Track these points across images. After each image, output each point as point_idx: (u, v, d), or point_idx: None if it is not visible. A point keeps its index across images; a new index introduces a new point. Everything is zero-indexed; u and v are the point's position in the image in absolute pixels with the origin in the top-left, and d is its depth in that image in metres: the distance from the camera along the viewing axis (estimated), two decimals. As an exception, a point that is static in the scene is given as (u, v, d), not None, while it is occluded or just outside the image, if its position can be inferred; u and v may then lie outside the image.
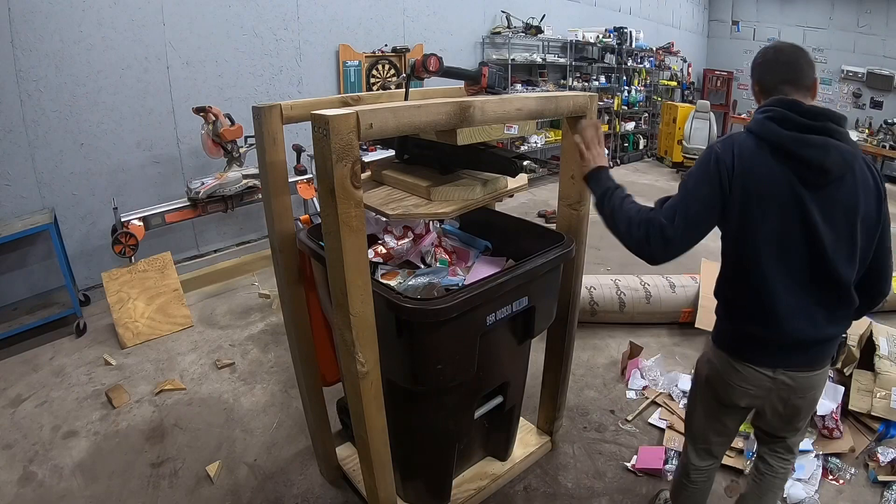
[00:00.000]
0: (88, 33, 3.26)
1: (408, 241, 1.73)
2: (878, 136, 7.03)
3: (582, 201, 1.73)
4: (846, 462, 2.06)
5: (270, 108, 1.43)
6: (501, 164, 1.52)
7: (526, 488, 2.00)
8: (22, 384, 2.62)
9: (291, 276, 1.64)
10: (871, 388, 2.14)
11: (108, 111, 3.43)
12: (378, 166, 1.71)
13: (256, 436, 2.27)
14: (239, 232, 4.25)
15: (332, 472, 2.00)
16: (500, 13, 5.89)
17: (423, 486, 1.78)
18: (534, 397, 2.20)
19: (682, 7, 9.21)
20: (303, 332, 1.73)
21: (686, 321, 3.08)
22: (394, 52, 4.89)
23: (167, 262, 3.31)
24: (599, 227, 1.44)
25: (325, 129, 1.01)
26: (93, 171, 3.45)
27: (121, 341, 2.96)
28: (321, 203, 1.11)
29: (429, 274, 1.62)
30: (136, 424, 2.33)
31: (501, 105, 1.35)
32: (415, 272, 1.65)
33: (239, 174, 3.60)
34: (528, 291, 1.53)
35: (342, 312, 1.18)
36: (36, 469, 2.07)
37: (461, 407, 1.65)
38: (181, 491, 1.98)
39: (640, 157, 8.25)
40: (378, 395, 1.30)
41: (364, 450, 1.37)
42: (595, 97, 1.62)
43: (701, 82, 9.89)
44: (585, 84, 6.75)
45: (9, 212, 3.16)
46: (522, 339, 1.70)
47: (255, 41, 4.04)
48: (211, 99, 3.77)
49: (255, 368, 2.75)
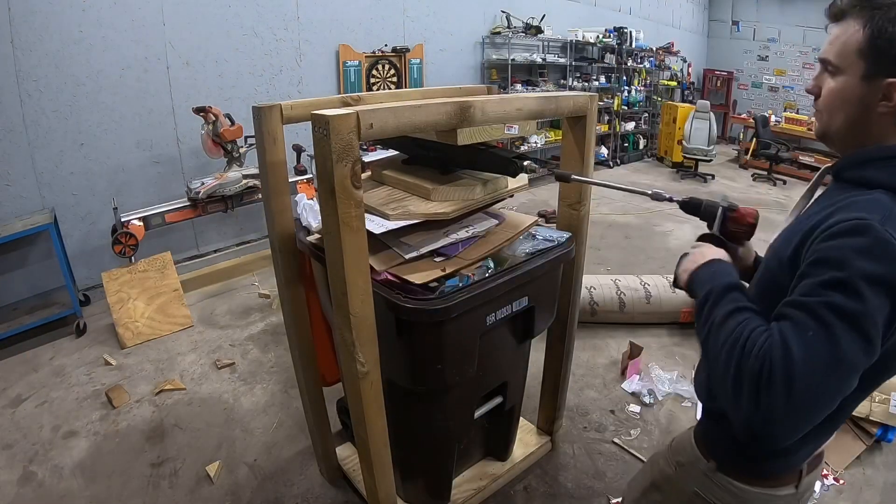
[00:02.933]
0: (88, 33, 3.25)
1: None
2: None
3: (582, 201, 1.73)
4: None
5: (270, 108, 1.43)
6: (501, 164, 1.52)
7: (526, 488, 2.00)
8: (22, 384, 2.62)
9: (291, 276, 1.64)
10: (870, 392, 2.13)
11: (108, 111, 3.43)
12: (378, 166, 1.71)
13: (256, 436, 2.27)
14: (239, 232, 4.25)
15: (332, 472, 2.00)
16: (500, 13, 5.89)
17: (423, 486, 1.78)
18: (534, 397, 2.20)
19: (682, 7, 9.21)
20: (303, 332, 1.73)
21: (686, 321, 3.08)
22: (394, 52, 4.89)
23: (167, 262, 3.31)
24: (599, 227, 1.41)
25: (326, 129, 1.01)
26: (93, 171, 3.45)
27: (121, 341, 2.96)
28: (321, 203, 1.11)
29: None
30: (136, 424, 2.33)
31: (501, 105, 1.34)
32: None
33: (239, 174, 3.60)
34: (528, 291, 1.53)
35: (342, 312, 1.18)
36: (36, 469, 2.07)
37: (461, 407, 1.65)
38: (181, 491, 1.98)
39: (640, 157, 8.25)
40: (378, 395, 1.30)
41: (364, 450, 1.37)
42: (595, 97, 1.62)
43: (701, 82, 9.90)
44: (585, 84, 6.75)
45: (9, 212, 3.16)
46: (522, 339, 1.70)
47: (255, 41, 4.04)
48: (211, 99, 3.77)
49: (255, 368, 2.75)
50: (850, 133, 0.83)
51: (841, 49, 0.80)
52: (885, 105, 0.78)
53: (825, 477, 2.02)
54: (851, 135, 0.83)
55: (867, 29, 0.77)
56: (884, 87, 0.77)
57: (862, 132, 0.82)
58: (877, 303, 0.68)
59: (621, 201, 5.73)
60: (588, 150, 1.63)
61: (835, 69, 0.82)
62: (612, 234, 4.70)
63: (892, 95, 0.77)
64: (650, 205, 2.61)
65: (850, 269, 0.69)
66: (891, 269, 0.68)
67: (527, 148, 6.22)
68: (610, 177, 6.91)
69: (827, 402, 0.69)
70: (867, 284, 0.68)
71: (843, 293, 0.68)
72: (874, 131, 0.80)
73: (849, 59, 0.79)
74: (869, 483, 2.01)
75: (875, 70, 0.77)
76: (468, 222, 1.55)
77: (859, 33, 0.78)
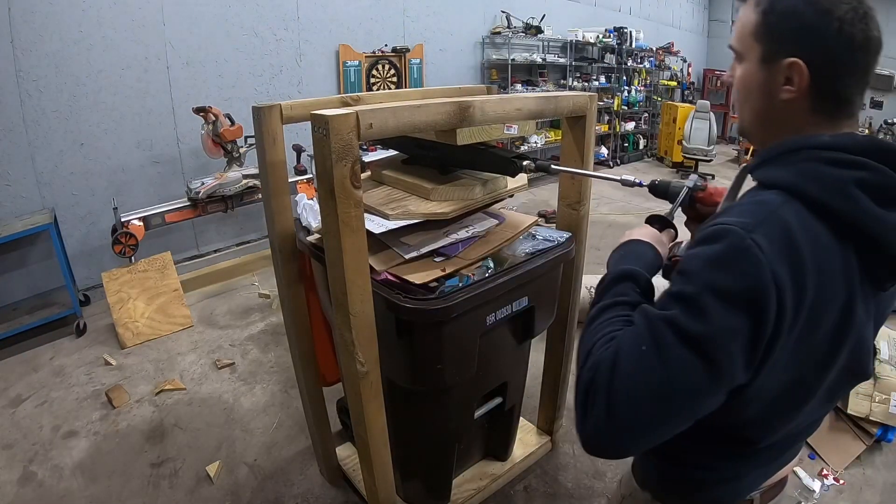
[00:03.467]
0: (88, 33, 3.26)
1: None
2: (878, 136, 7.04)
3: (581, 201, 1.73)
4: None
5: (270, 108, 1.43)
6: (501, 164, 1.52)
7: (526, 488, 2.00)
8: (22, 384, 2.62)
9: (291, 276, 1.64)
10: (871, 392, 2.13)
11: (108, 111, 3.43)
12: (377, 166, 1.71)
13: (256, 436, 2.27)
14: (239, 232, 4.25)
15: (332, 472, 2.00)
16: (500, 13, 5.89)
17: (422, 486, 1.78)
18: (534, 397, 2.20)
19: (682, 7, 9.22)
20: (303, 332, 1.73)
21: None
22: (394, 52, 4.89)
23: (167, 262, 3.31)
24: (599, 227, 1.42)
25: (325, 129, 1.01)
26: (93, 171, 3.45)
27: (121, 341, 2.96)
28: (321, 203, 1.11)
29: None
30: (136, 424, 2.33)
31: (501, 105, 1.34)
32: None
33: (239, 174, 3.60)
34: (529, 291, 1.53)
35: (342, 312, 1.18)
36: (36, 469, 2.07)
37: (461, 407, 1.65)
38: (181, 491, 1.98)
39: (640, 157, 8.25)
40: (378, 395, 1.30)
41: (364, 450, 1.37)
42: (595, 97, 1.62)
43: (701, 82, 9.90)
44: (585, 84, 6.75)
45: (9, 212, 3.16)
46: (522, 339, 1.70)
47: (255, 41, 4.05)
48: (211, 99, 3.77)
49: (255, 368, 2.75)
50: (761, 126, 0.73)
51: (740, 32, 0.72)
52: (788, 90, 0.67)
53: (825, 477, 2.03)
54: (763, 128, 0.73)
55: (759, 7, 0.68)
56: (784, 68, 0.66)
57: (773, 124, 0.71)
58: (728, 322, 0.59)
59: (621, 201, 5.73)
60: (587, 150, 1.63)
61: (738, 56, 0.73)
62: (612, 234, 4.69)
63: (793, 77, 0.66)
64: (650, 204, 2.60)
65: (697, 281, 0.61)
66: (743, 282, 0.58)
67: (527, 148, 6.22)
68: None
69: (656, 425, 0.62)
70: (716, 300, 0.59)
71: (685, 309, 0.61)
72: (786, 122, 0.69)
73: (747, 43, 0.70)
74: (869, 483, 2.01)
75: (773, 51, 0.67)
76: (468, 222, 1.55)
77: (753, 13, 0.69)
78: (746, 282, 0.58)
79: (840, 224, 0.63)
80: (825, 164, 0.63)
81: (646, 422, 0.62)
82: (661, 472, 0.86)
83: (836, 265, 0.63)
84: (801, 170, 0.64)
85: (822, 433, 2.20)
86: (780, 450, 0.81)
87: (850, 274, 0.65)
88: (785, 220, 0.61)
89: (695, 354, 0.59)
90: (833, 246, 0.63)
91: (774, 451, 0.81)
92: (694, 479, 0.82)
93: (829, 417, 2.22)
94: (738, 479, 0.81)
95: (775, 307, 0.58)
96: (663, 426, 0.63)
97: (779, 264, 0.58)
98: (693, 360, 0.60)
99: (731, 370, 0.61)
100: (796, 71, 0.65)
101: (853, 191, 0.61)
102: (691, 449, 0.78)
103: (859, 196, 0.61)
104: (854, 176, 0.62)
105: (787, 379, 0.67)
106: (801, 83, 0.66)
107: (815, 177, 0.63)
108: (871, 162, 0.62)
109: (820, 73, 0.65)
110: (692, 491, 0.84)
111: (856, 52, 0.63)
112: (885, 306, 0.74)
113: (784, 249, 0.59)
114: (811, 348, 0.65)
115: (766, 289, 0.58)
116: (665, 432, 0.64)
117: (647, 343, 0.62)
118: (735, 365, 0.60)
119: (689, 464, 0.80)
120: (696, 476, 0.81)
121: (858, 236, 0.63)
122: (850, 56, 0.64)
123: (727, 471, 0.80)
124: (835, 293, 0.64)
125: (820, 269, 0.61)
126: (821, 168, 0.63)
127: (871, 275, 0.66)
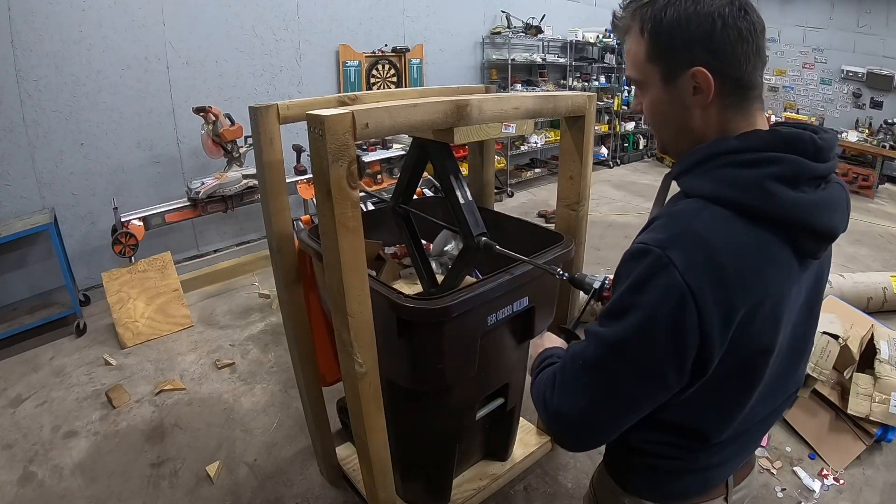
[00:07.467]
0: (88, 33, 3.26)
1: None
2: (878, 136, 7.02)
3: (581, 201, 1.73)
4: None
5: (267, 108, 1.42)
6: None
7: (526, 488, 2.00)
8: (22, 384, 2.62)
9: (290, 276, 1.64)
10: (871, 392, 2.13)
11: (108, 111, 3.43)
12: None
13: (256, 436, 2.27)
14: (239, 232, 4.25)
15: (332, 472, 2.00)
16: (500, 13, 5.88)
17: (422, 486, 1.78)
18: (533, 397, 2.20)
19: (682, 6, 9.18)
20: (302, 332, 1.73)
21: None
22: (394, 52, 4.89)
23: (167, 262, 3.31)
24: (599, 227, 1.42)
25: (321, 130, 1.01)
26: (93, 171, 3.46)
27: (121, 341, 2.96)
28: (318, 204, 1.11)
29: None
30: (136, 424, 2.33)
31: (498, 104, 1.34)
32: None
33: (239, 174, 3.60)
34: (528, 291, 1.53)
35: (340, 313, 1.18)
36: (36, 469, 2.08)
37: (463, 408, 1.65)
38: (181, 491, 1.98)
39: (640, 157, 8.24)
40: (377, 395, 1.30)
41: (364, 450, 1.37)
42: (594, 97, 1.62)
43: (701, 82, 9.87)
44: (585, 84, 6.74)
45: (9, 212, 3.16)
46: (523, 340, 1.70)
47: (255, 41, 4.04)
48: (211, 99, 3.77)
49: (255, 368, 2.75)
50: (684, 140, 0.74)
51: (633, 62, 0.73)
52: (700, 98, 0.69)
53: (825, 477, 2.02)
54: (686, 141, 0.74)
55: (644, 33, 0.70)
56: (689, 79, 0.68)
57: (693, 133, 0.72)
58: (650, 332, 0.65)
59: (621, 201, 5.73)
60: (587, 151, 1.63)
61: (639, 84, 0.75)
62: (612, 234, 4.69)
63: (700, 85, 0.67)
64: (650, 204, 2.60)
65: (622, 300, 0.67)
66: (661, 297, 0.63)
67: (526, 147, 6.23)
68: (610, 176, 6.91)
69: (602, 421, 0.74)
70: (638, 314, 0.65)
71: (612, 322, 0.68)
72: (707, 132, 0.71)
73: (645, 70, 0.72)
74: (869, 483, 2.01)
75: (672, 67, 0.69)
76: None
77: (640, 41, 0.71)
78: (664, 296, 0.63)
79: (762, 217, 0.66)
80: (739, 167, 0.67)
81: (594, 420, 0.73)
82: (628, 463, 0.90)
83: (761, 256, 0.67)
84: (717, 177, 0.68)
85: (822, 433, 2.20)
86: (742, 443, 0.86)
87: (779, 259, 0.68)
88: (699, 231, 0.65)
89: (620, 358, 0.68)
90: (756, 238, 0.66)
91: (737, 445, 0.85)
92: (659, 469, 0.86)
93: (829, 417, 2.21)
94: (706, 469, 0.85)
95: (696, 315, 0.62)
96: (612, 421, 0.73)
97: (695, 275, 0.62)
98: (619, 362, 0.69)
99: (663, 372, 0.67)
100: (701, 78, 0.67)
101: (770, 185, 0.64)
102: (654, 440, 0.83)
103: (776, 188, 0.65)
104: (767, 172, 0.65)
105: (732, 367, 0.70)
106: (708, 88, 0.67)
107: (731, 182, 0.66)
108: (780, 155, 0.66)
109: (721, 71, 0.67)
110: (661, 482, 0.88)
111: (745, 39, 0.66)
112: (821, 272, 0.79)
113: (701, 260, 0.63)
114: (750, 337, 0.68)
115: (683, 301, 0.62)
116: (615, 426, 0.74)
117: (582, 357, 0.72)
118: (665, 366, 0.66)
119: (653, 454, 0.84)
120: (662, 466, 0.85)
121: (782, 223, 0.66)
122: (741, 45, 0.66)
123: (692, 461, 0.84)
124: (764, 284, 0.67)
125: (743, 266, 0.65)
126: (736, 172, 0.67)
127: (800, 250, 0.69)
